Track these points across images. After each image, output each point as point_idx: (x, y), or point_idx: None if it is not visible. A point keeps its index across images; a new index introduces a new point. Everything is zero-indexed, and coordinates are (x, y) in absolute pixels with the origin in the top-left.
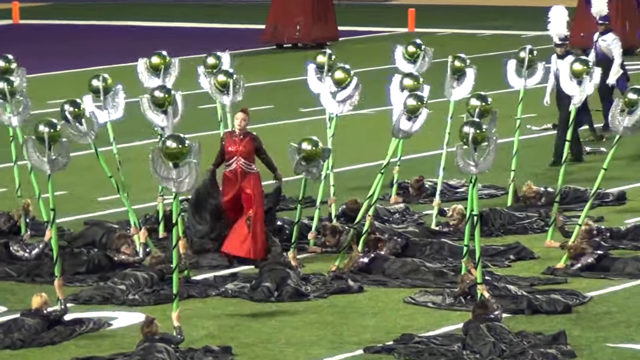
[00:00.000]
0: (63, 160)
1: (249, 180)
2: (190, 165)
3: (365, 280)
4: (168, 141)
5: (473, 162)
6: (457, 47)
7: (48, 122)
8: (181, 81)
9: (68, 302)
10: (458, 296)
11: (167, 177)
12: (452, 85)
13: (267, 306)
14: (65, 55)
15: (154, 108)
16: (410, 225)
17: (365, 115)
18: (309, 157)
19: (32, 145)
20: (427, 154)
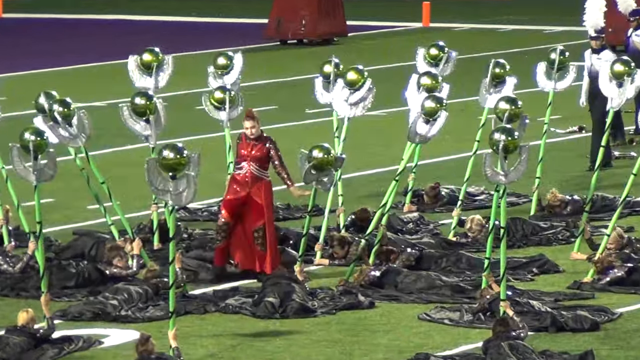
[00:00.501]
0: (50, 172)
1: (259, 187)
2: (189, 177)
3: (376, 295)
4: (165, 151)
5: (502, 172)
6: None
7: (34, 130)
8: (176, 80)
9: (56, 319)
10: (477, 312)
11: (164, 190)
12: (489, 92)
13: (270, 323)
14: (50, 52)
15: (134, 117)
16: (425, 235)
17: (376, 117)
18: (320, 166)
19: (17, 154)
20: (443, 159)
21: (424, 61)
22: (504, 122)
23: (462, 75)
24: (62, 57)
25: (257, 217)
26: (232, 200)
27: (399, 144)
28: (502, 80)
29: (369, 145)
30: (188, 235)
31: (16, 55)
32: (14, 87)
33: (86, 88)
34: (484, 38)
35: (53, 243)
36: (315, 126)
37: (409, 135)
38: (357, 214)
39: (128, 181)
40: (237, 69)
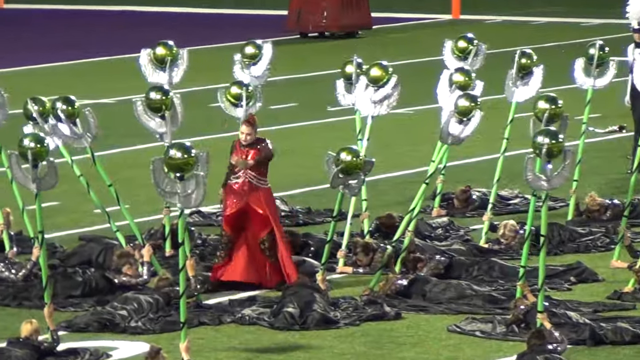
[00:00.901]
0: (51, 181)
1: (258, 196)
2: (198, 178)
3: (403, 305)
4: (172, 150)
5: (545, 177)
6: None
7: (34, 137)
8: (191, 75)
9: (61, 330)
10: (511, 324)
11: (171, 192)
12: (516, 85)
13: (290, 335)
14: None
15: (149, 113)
16: (455, 242)
17: (402, 115)
18: (348, 169)
19: (16, 162)
20: (474, 160)
21: (452, 55)
22: (543, 122)
23: (493, 71)
24: (67, 51)
25: (260, 228)
26: (232, 215)
27: (427, 144)
28: (529, 72)
29: (395, 145)
30: (202, 241)
31: (18, 49)
32: (17, 82)
33: (93, 84)
34: (516, 31)
35: (58, 249)
36: (337, 125)
37: (441, 136)
38: (382, 220)
39: (138, 183)
40: (266, 60)
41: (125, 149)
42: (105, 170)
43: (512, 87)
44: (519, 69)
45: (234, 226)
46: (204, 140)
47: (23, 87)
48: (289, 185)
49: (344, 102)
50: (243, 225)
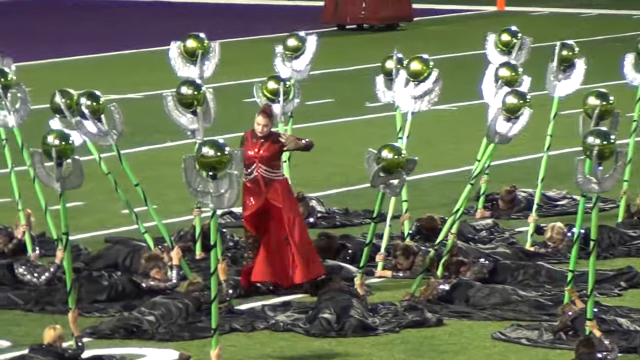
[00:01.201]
0: (76, 181)
1: (275, 189)
2: (231, 177)
3: (445, 311)
4: (204, 148)
5: (596, 179)
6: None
7: (59, 134)
8: (223, 69)
9: (85, 337)
10: (558, 331)
11: (204, 191)
12: (558, 79)
13: (326, 342)
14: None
15: (180, 108)
16: (499, 245)
17: (445, 111)
18: (389, 168)
19: (40, 160)
20: (519, 159)
21: (495, 48)
22: (593, 119)
23: (538, 66)
24: (93, 43)
25: (282, 223)
26: (251, 216)
27: (470, 142)
28: (571, 64)
29: (437, 143)
30: (234, 244)
31: (39, 41)
32: (41, 76)
33: (120, 78)
34: (564, 24)
35: (82, 252)
36: (376, 122)
37: (488, 134)
38: (422, 222)
39: (167, 182)
40: (309, 54)
41: (153, 146)
42: (132, 169)
43: (553, 80)
44: (559, 61)
45: (256, 225)
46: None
47: (47, 81)
48: (325, 185)
49: (384, 99)
50: (265, 223)
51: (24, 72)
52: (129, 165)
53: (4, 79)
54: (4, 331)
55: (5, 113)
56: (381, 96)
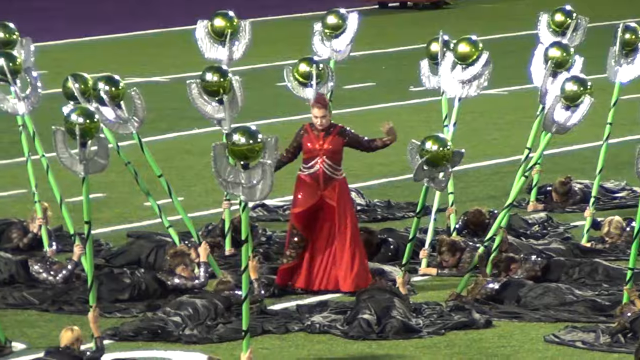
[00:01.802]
0: (101, 162)
1: (333, 188)
2: (264, 167)
3: (494, 311)
4: (235, 135)
5: None
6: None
7: (83, 111)
8: (253, 51)
9: (106, 339)
10: (616, 333)
11: (234, 182)
12: (619, 63)
13: (365, 345)
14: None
15: (205, 96)
16: (553, 240)
17: (494, 96)
18: (434, 161)
19: (62, 140)
20: (575, 148)
21: (548, 29)
22: None
23: (596, 47)
24: (116, 23)
25: (334, 225)
26: (302, 214)
27: (522, 130)
28: (634, 49)
29: (484, 130)
30: (267, 239)
31: (62, 20)
32: (61, 57)
33: (143, 60)
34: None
35: (103, 247)
36: (421, 107)
37: (545, 124)
38: (469, 216)
39: (194, 173)
40: (350, 32)
41: (179, 133)
42: (156, 158)
43: (614, 65)
44: (622, 45)
45: (306, 224)
46: (270, 124)
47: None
48: (365, 176)
49: (429, 84)
50: (316, 222)
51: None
52: (152, 155)
53: (12, 64)
54: (18, 333)
55: (15, 100)
56: (426, 82)
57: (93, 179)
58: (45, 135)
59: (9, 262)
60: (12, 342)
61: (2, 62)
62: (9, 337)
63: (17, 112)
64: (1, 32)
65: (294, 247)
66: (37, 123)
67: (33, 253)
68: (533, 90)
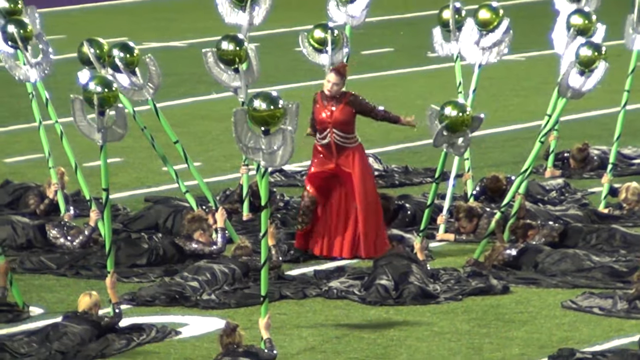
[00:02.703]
0: (120, 131)
1: (347, 155)
2: (285, 133)
3: (512, 277)
4: (256, 101)
5: None
6: None
7: (102, 80)
8: (274, 16)
9: (124, 304)
10: (634, 299)
11: (255, 148)
12: (637, 31)
13: (383, 310)
14: None
15: (221, 65)
16: (571, 206)
17: (512, 62)
18: (453, 126)
19: (81, 108)
20: (593, 114)
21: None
22: None
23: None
24: None
25: (352, 192)
26: (319, 174)
27: (540, 96)
28: None
29: (502, 96)
30: (284, 204)
31: None
32: (78, 22)
33: (162, 25)
34: None
35: (121, 212)
36: (438, 73)
37: (560, 89)
38: (487, 182)
39: (212, 138)
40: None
41: (197, 98)
42: (175, 122)
43: (632, 33)
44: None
45: (318, 187)
46: (289, 89)
47: (85, 28)
48: (383, 142)
49: (442, 52)
50: (330, 188)
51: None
52: (169, 120)
53: (23, 31)
54: (36, 297)
55: (27, 67)
56: (439, 49)
57: (110, 144)
58: (63, 100)
59: (27, 226)
60: (29, 306)
61: (13, 29)
62: (27, 301)
63: (29, 79)
64: (5, 2)
65: (304, 211)
66: (53, 87)
67: (50, 218)
68: (551, 57)
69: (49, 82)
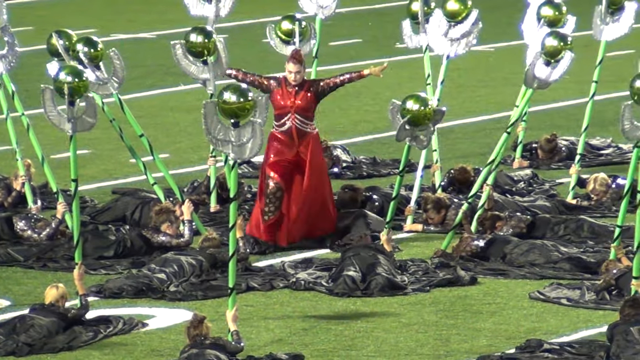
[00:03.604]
0: (90, 120)
1: (307, 142)
2: (254, 125)
3: (479, 268)
4: (226, 93)
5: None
6: None
7: (72, 69)
8: (241, 7)
9: (91, 296)
10: (601, 290)
11: (224, 140)
12: (605, 22)
13: (350, 302)
14: None
15: (190, 57)
16: (539, 197)
17: (481, 53)
18: (416, 120)
19: (51, 98)
20: (560, 105)
21: None
22: None
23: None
24: None
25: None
26: (280, 162)
27: (507, 87)
28: (620, 7)
29: (470, 87)
30: (252, 196)
31: None
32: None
33: (130, 16)
34: None
35: (88, 204)
36: (407, 64)
37: (526, 80)
38: (455, 173)
39: (180, 129)
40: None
41: (166, 90)
42: (143, 114)
43: (600, 24)
44: (608, 3)
45: (282, 174)
46: None
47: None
48: (351, 133)
49: (411, 44)
50: (293, 177)
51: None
52: (139, 112)
53: None
54: (3, 289)
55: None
56: (408, 41)
57: (78, 135)
58: (31, 92)
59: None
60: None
61: None
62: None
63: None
64: None
65: (272, 200)
66: (21, 79)
67: (18, 210)
68: (520, 47)
69: (16, 74)
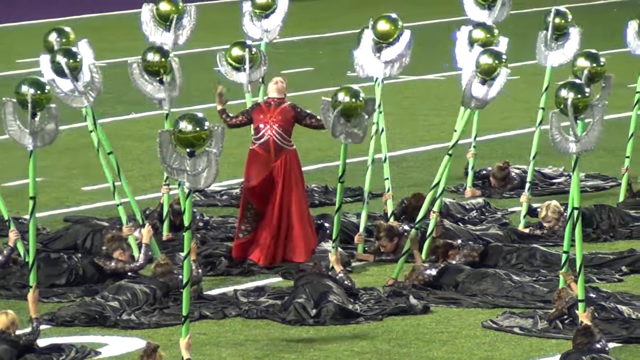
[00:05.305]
0: (51, 133)
1: (284, 159)
2: (210, 155)
3: (432, 297)
4: (182, 122)
5: (573, 137)
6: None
7: (34, 81)
8: (199, 35)
9: (43, 324)
10: (554, 319)
11: (179, 169)
12: (550, 48)
13: (303, 330)
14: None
15: (146, 76)
16: (491, 226)
17: (432, 81)
18: (347, 111)
19: (12, 112)
20: (512, 133)
21: (475, 4)
22: (583, 82)
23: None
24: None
25: (286, 196)
26: (256, 187)
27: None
28: (564, 33)
29: (422, 116)
30: (204, 224)
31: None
32: None
33: None
34: None
35: (40, 231)
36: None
37: (463, 100)
38: (410, 201)
39: (132, 157)
40: (281, 12)
41: (117, 118)
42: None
43: (544, 50)
44: (553, 29)
45: (259, 198)
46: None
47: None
48: (302, 161)
49: (362, 74)
50: (269, 196)
51: None
52: (85, 140)
53: None
54: None
55: None
56: (359, 71)
57: None
58: None
59: None
60: None
61: None
62: None
63: None
64: None
65: (249, 220)
66: None
67: None
68: None
69: None
